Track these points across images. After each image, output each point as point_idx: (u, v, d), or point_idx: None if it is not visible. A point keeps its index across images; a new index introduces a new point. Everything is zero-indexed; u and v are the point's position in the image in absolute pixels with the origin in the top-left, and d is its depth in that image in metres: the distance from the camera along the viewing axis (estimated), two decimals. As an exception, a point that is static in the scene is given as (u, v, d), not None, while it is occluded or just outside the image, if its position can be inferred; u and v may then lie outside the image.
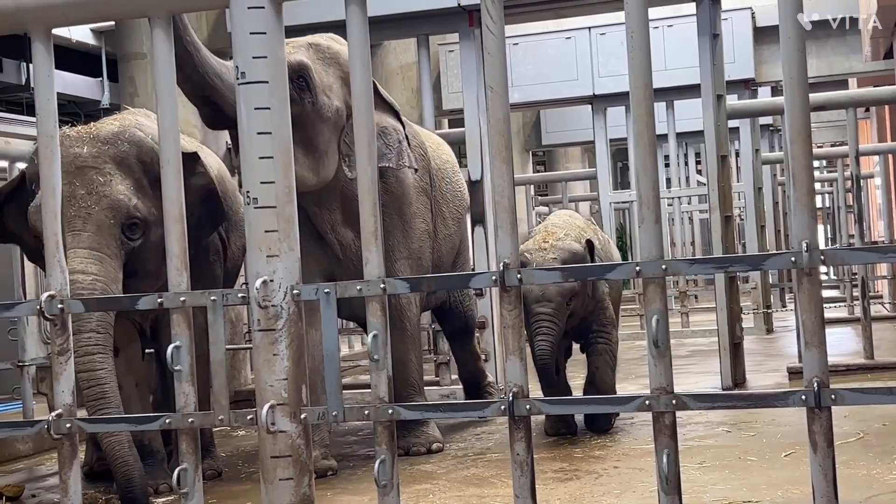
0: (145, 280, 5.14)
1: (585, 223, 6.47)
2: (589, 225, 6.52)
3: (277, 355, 2.83)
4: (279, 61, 2.84)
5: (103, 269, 4.86)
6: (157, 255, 5.12)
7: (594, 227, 6.64)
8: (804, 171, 2.55)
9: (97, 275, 4.83)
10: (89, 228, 4.92)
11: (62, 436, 2.94)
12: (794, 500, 4.24)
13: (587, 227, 6.39)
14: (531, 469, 2.73)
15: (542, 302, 5.75)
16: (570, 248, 5.86)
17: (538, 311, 5.77)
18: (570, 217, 6.45)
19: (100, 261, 4.87)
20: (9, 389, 8.38)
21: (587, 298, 6.02)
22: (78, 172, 5.01)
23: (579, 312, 6.00)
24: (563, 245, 5.87)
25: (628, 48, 2.64)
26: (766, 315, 12.17)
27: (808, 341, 2.57)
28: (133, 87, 8.43)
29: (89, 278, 4.80)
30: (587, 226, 6.42)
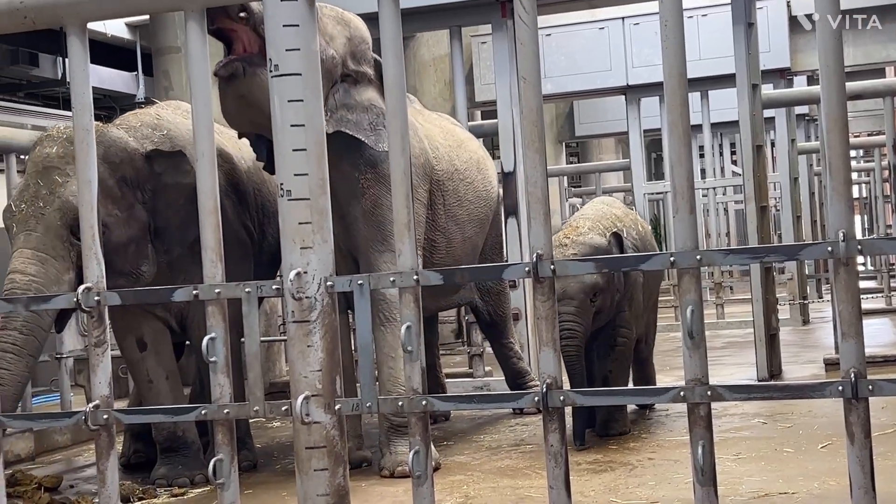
0: (119, 279, 5.04)
1: (624, 212, 6.22)
2: (628, 214, 6.28)
3: (311, 347, 2.84)
4: (312, 54, 2.85)
5: (43, 270, 4.89)
6: (123, 256, 5.15)
7: (634, 217, 6.38)
8: (841, 161, 2.53)
9: (34, 276, 4.87)
10: (39, 229, 4.97)
11: (99, 427, 2.97)
12: (831, 491, 4.21)
13: (624, 216, 6.11)
14: (565, 460, 2.73)
15: (564, 300, 5.43)
16: (592, 242, 5.56)
17: (560, 311, 5.33)
18: (607, 206, 6.15)
19: (42, 262, 4.91)
20: (47, 381, 8.47)
21: (615, 294, 5.67)
22: (44, 172, 5.09)
23: (607, 310, 5.65)
24: (584, 240, 5.59)
25: (662, 38, 2.63)
26: (802, 306, 12.07)
27: (845, 332, 2.55)
28: (167, 81, 8.47)
29: (26, 279, 4.86)
30: (624, 215, 6.15)
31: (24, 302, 3.48)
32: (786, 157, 12.11)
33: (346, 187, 5.50)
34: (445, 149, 6.21)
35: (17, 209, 5.02)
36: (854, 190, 18.85)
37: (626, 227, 5.94)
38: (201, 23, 2.92)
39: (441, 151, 6.14)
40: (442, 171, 6.10)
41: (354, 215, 5.53)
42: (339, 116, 5.34)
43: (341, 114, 5.34)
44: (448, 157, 6.20)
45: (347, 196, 5.52)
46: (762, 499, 4.22)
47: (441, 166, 6.10)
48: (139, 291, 3.85)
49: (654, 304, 6.61)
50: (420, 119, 6.24)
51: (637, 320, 5.96)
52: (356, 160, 5.47)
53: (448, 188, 6.13)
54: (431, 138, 6.14)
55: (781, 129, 12.07)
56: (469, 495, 4.68)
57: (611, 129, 16.93)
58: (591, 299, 5.51)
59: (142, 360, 5.58)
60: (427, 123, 6.31)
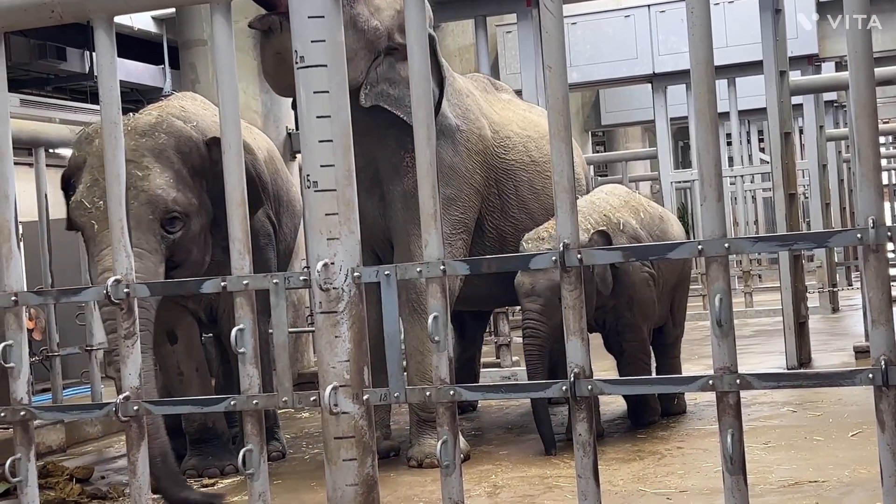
0: (190, 270, 5.09)
1: (624, 201, 5.87)
2: (628, 203, 5.89)
3: (339, 337, 2.85)
4: (338, 45, 2.85)
5: (142, 265, 4.80)
6: (200, 245, 5.16)
7: (638, 204, 5.97)
8: (870, 147, 2.51)
9: (138, 271, 4.85)
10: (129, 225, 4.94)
11: (130, 418, 2.99)
12: (862, 479, 4.19)
13: (623, 205, 5.79)
14: (594, 449, 2.73)
15: (531, 297, 5.27)
16: None
17: (525, 308, 5.32)
18: (605, 196, 5.83)
19: (139, 257, 4.89)
20: (77, 373, 8.54)
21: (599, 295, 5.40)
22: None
23: (589, 312, 5.29)
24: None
25: (688, 25, 2.61)
26: (831, 294, 12.00)
27: (876, 319, 2.53)
28: (194, 74, 8.50)
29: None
30: (624, 204, 5.81)
31: (53, 295, 3.50)
32: (814, 143, 12.03)
33: (390, 165, 5.40)
34: (521, 138, 6.00)
35: (94, 205, 4.91)
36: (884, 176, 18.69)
37: (624, 217, 5.67)
38: (227, 16, 2.93)
39: (514, 140, 5.96)
40: (514, 160, 5.93)
41: (394, 195, 5.42)
42: (379, 90, 5.26)
43: (382, 88, 5.25)
44: (524, 147, 5.99)
45: (390, 174, 5.41)
46: (792, 487, 4.20)
47: (512, 155, 5.93)
48: (167, 283, 3.87)
49: (677, 291, 6.23)
50: (497, 107, 6.12)
51: (645, 320, 5.71)
52: (402, 138, 5.21)
53: (521, 178, 5.94)
54: (505, 126, 5.98)
55: (809, 116, 11.98)
56: (497, 485, 4.69)
57: (637, 117, 16.87)
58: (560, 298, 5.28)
59: (173, 353, 5.60)
60: (504, 111, 6.13)
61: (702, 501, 4.07)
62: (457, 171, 5.60)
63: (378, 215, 5.50)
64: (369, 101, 5.20)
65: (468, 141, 5.67)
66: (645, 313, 5.70)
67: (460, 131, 5.64)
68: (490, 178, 5.80)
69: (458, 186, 5.59)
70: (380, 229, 5.53)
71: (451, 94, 5.66)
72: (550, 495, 4.41)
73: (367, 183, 5.50)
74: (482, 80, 6.53)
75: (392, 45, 5.26)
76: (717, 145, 2.66)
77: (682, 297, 6.38)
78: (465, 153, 5.64)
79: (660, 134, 12.83)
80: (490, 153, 5.81)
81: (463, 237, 5.62)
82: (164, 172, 5.03)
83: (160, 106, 5.47)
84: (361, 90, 5.22)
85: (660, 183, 13.14)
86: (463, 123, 5.68)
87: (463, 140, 5.64)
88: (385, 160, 5.39)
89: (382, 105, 5.22)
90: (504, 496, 4.48)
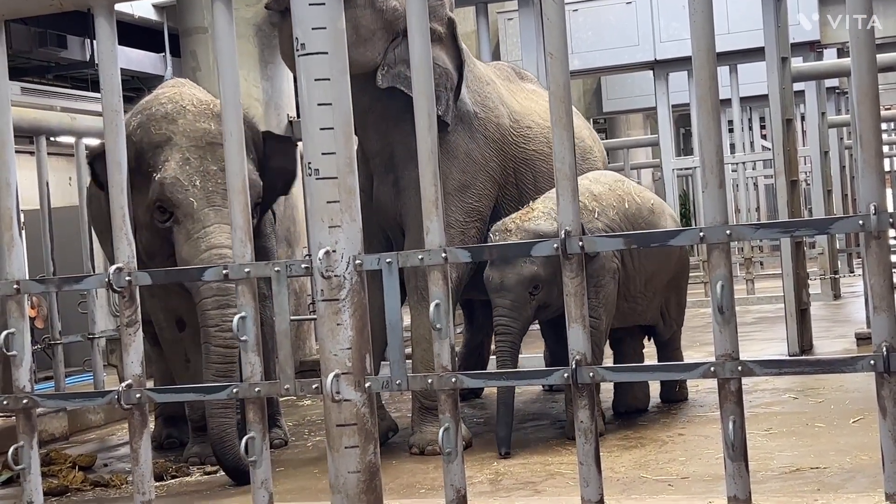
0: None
1: (608, 189, 5.55)
2: (613, 191, 5.57)
3: (341, 325, 2.86)
4: (339, 32, 2.85)
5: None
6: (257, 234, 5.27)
7: (624, 193, 5.61)
8: (872, 133, 2.51)
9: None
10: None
11: (132, 406, 3.00)
12: (863, 466, 4.20)
13: (607, 193, 5.49)
14: (596, 436, 2.74)
15: (501, 293, 5.12)
16: (537, 229, 5.05)
17: (495, 304, 5.16)
18: (590, 182, 5.53)
19: None
20: (79, 362, 8.55)
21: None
22: (208, 148, 5.05)
23: (556, 303, 5.12)
24: (529, 226, 5.09)
25: (690, 11, 2.61)
26: (833, 281, 12.00)
27: (877, 306, 2.53)
28: (195, 62, 8.49)
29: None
30: (608, 192, 5.51)
31: (55, 283, 3.51)
32: (816, 130, 12.01)
33: (405, 149, 5.34)
34: (542, 129, 5.89)
35: (192, 183, 4.97)
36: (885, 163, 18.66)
37: (604, 206, 5.41)
38: (228, 3, 2.93)
39: (535, 131, 5.89)
40: (534, 150, 5.85)
41: (408, 181, 5.36)
42: (396, 72, 5.24)
43: (399, 69, 5.22)
44: (545, 138, 5.84)
45: (405, 159, 5.36)
46: (793, 474, 4.21)
47: (533, 146, 5.85)
48: (170, 271, 3.87)
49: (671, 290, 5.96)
50: (519, 96, 6.07)
51: (605, 313, 5.32)
52: None
53: (541, 169, 5.83)
54: (526, 116, 5.92)
55: (811, 103, 11.96)
56: (499, 472, 4.70)
57: (639, 104, 16.84)
58: (531, 292, 5.12)
59: (181, 340, 5.60)
60: (526, 101, 6.07)
61: (703, 488, 4.08)
62: (472, 157, 5.57)
63: (391, 200, 5.49)
64: (386, 83, 5.19)
65: (486, 129, 5.63)
66: (607, 304, 5.34)
67: (478, 118, 5.61)
68: (508, 167, 5.74)
69: (474, 174, 5.56)
70: (392, 214, 5.52)
71: (471, 80, 5.64)
72: (552, 482, 4.42)
73: (381, 168, 5.50)
74: (506, 68, 6.49)
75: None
76: (719, 132, 2.66)
77: (678, 296, 6.06)
78: (482, 140, 5.61)
79: (661, 121, 12.82)
80: (509, 142, 5.75)
81: (477, 225, 5.58)
82: (249, 160, 5.15)
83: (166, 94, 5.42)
84: (378, 71, 5.22)
85: (661, 170, 13.14)
86: (481, 111, 5.64)
87: (480, 127, 5.61)
88: (401, 145, 5.37)
89: (399, 87, 5.21)
90: (506, 483, 4.48)
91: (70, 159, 8.92)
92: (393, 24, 5.20)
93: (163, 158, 5.07)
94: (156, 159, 5.09)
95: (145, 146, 5.15)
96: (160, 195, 5.02)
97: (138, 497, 3.05)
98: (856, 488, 3.89)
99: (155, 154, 5.11)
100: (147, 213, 5.12)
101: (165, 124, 5.16)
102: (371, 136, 5.49)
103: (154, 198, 5.05)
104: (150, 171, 5.09)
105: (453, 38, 5.43)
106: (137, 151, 5.15)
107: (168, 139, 5.12)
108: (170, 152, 5.08)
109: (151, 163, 5.10)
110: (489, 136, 5.62)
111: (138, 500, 3.07)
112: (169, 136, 5.12)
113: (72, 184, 11.80)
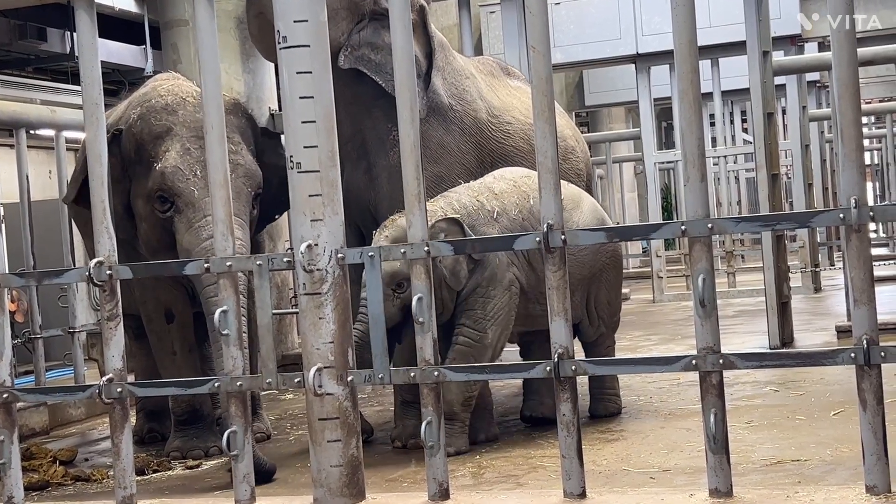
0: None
1: (515, 186, 5.23)
2: (520, 188, 5.22)
3: (323, 319, 2.85)
4: (321, 25, 2.84)
5: (243, 234, 4.93)
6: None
7: (530, 192, 5.17)
8: (853, 127, 2.52)
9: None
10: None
11: (113, 400, 2.99)
12: (844, 458, 4.22)
13: (510, 192, 5.18)
14: (577, 429, 2.74)
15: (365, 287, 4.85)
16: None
17: (361, 299, 4.72)
18: (494, 179, 5.26)
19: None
20: (60, 356, 8.51)
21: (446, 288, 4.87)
22: None
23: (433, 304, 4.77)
24: (402, 223, 4.42)
25: (672, 5, 2.61)
26: (813, 274, 12.05)
27: (858, 299, 2.55)
28: (176, 55, 8.46)
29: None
30: (513, 190, 5.20)
31: (36, 277, 3.49)
32: (797, 124, 12.05)
33: (376, 137, 5.34)
34: (522, 125, 5.82)
35: (193, 173, 5.01)
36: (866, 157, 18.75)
37: (506, 205, 5.12)
38: (209, -5, 2.91)
39: (515, 127, 5.83)
40: (513, 146, 5.77)
41: (380, 168, 5.37)
42: (360, 54, 5.23)
43: (363, 52, 5.22)
44: (525, 135, 5.76)
45: (377, 147, 5.36)
46: (774, 466, 4.23)
47: (511, 142, 5.77)
48: (151, 265, 3.85)
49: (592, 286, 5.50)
50: (501, 92, 6.01)
51: (495, 325, 5.00)
52: (389, 110, 5.06)
53: (520, 166, 5.69)
54: (506, 112, 5.85)
55: (792, 97, 12.01)
56: (482, 465, 4.70)
57: (621, 98, 16.85)
58: (394, 289, 4.77)
59: (168, 332, 5.58)
60: (508, 97, 5.99)
61: (685, 480, 4.09)
62: (448, 149, 5.54)
63: (363, 188, 5.47)
64: (348, 64, 5.17)
65: (462, 122, 5.58)
66: (498, 317, 5.01)
67: (453, 111, 5.57)
68: (486, 161, 5.69)
69: (449, 165, 5.53)
70: (365, 203, 5.49)
71: (449, 73, 5.61)
72: (534, 475, 4.43)
73: (353, 154, 5.47)
74: (491, 63, 6.44)
75: (378, 10, 5.21)
76: (701, 126, 2.67)
77: (607, 293, 5.58)
78: (457, 133, 5.58)
79: (643, 114, 12.84)
80: (486, 136, 5.70)
81: None
82: (248, 150, 5.22)
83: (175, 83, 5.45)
84: (342, 52, 5.19)
85: (643, 164, 13.15)
86: (457, 103, 5.60)
87: (456, 120, 5.58)
88: (372, 132, 5.36)
89: (362, 69, 5.20)
90: (488, 476, 4.49)
91: (50, 152, 8.87)
92: (358, 6, 5.20)
93: (163, 149, 5.10)
94: (156, 150, 5.12)
95: (146, 137, 5.17)
96: (161, 184, 5.04)
97: (119, 491, 3.04)
98: (836, 480, 3.91)
99: (156, 144, 5.13)
100: (147, 205, 5.14)
101: (166, 115, 5.19)
102: (342, 122, 5.47)
103: (155, 187, 5.07)
104: (151, 162, 5.12)
105: (424, 26, 5.41)
106: (138, 143, 5.19)
107: (169, 129, 5.15)
108: (171, 142, 5.11)
109: (152, 153, 5.12)
110: (466, 130, 5.59)
111: (119, 495, 3.06)
112: (170, 127, 5.15)
113: (52, 177, 11.73)
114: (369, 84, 5.23)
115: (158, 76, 5.76)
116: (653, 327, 9.65)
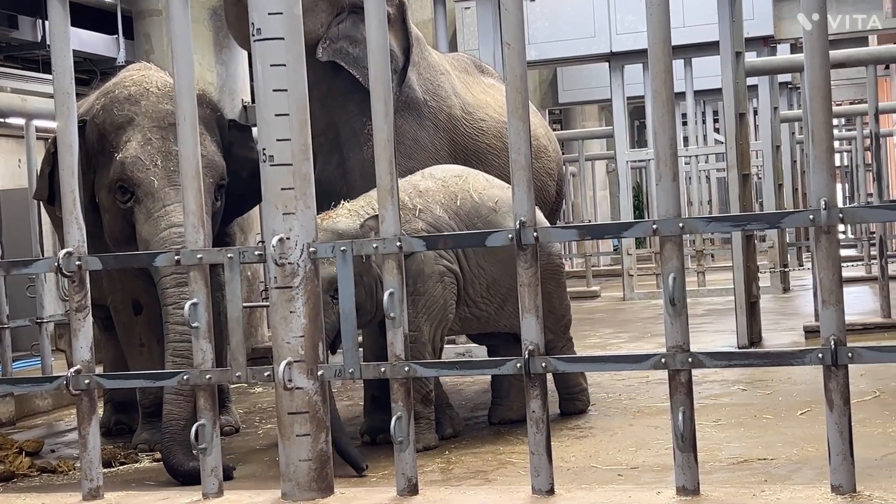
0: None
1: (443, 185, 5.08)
2: (448, 188, 5.08)
3: (294, 313, 2.85)
4: (295, 18, 2.83)
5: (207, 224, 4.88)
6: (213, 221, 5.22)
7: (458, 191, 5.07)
8: (823, 129, 2.54)
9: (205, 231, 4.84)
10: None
11: (81, 391, 2.97)
12: (810, 457, 4.25)
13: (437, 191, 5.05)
14: (547, 426, 2.75)
15: None
16: (335, 227, 4.63)
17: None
18: (422, 178, 5.13)
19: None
20: (27, 346, 8.44)
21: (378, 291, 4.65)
22: (171, 129, 4.97)
23: (365, 307, 4.61)
24: (328, 224, 4.67)
25: (646, 4, 2.62)
26: (782, 274, 12.13)
27: (826, 299, 2.56)
28: (148, 45, 8.41)
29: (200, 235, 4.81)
30: (440, 188, 5.06)
31: (4, 266, 3.46)
32: (768, 125, 12.12)
33: (350, 131, 5.34)
34: (496, 123, 5.78)
35: (153, 163, 4.96)
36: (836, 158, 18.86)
37: (429, 203, 4.98)
38: (183, -14, 2.90)
39: (489, 124, 5.79)
40: (486, 144, 5.74)
41: (353, 163, 5.36)
42: (338, 47, 5.22)
43: (341, 45, 5.21)
44: (499, 133, 5.74)
45: (350, 141, 5.35)
46: (741, 465, 4.25)
47: (484, 140, 5.74)
48: (120, 256, 3.83)
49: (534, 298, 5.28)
50: (475, 89, 5.99)
51: (431, 320, 4.92)
52: (364, 104, 5.03)
53: (493, 164, 5.71)
54: (480, 109, 5.83)
55: (764, 97, 12.08)
56: (451, 461, 4.70)
57: (594, 96, 16.92)
58: (332, 295, 4.43)
59: (137, 324, 5.54)
60: (482, 95, 5.98)
61: (653, 478, 4.11)
62: (422, 144, 5.53)
63: (335, 181, 5.45)
64: (326, 56, 5.16)
65: (436, 117, 5.58)
66: (431, 312, 4.93)
67: (428, 106, 5.57)
68: (459, 158, 5.67)
69: (423, 161, 5.48)
70: (336, 196, 5.48)
71: (424, 69, 5.61)
72: (503, 471, 4.43)
73: (326, 147, 5.46)
74: (465, 60, 6.43)
75: (358, 3, 5.19)
76: (673, 125, 2.68)
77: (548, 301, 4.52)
78: (431, 129, 5.58)
79: (616, 113, 12.89)
80: (460, 133, 5.69)
81: None
82: (212, 141, 5.17)
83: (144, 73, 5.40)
84: (320, 44, 5.19)
85: (615, 162, 13.20)
86: (432, 99, 5.60)
87: (430, 115, 5.57)
88: (346, 125, 5.35)
89: (339, 62, 5.19)
90: (457, 472, 4.49)
91: (20, 141, 8.80)
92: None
93: (125, 139, 5.07)
94: (118, 140, 5.08)
95: (108, 127, 5.14)
96: (121, 174, 5.00)
97: (86, 483, 3.02)
98: (802, 480, 3.94)
99: (117, 135, 5.10)
100: (109, 195, 5.10)
101: (128, 105, 5.16)
102: (316, 115, 5.46)
103: (115, 177, 5.03)
104: (113, 152, 5.07)
105: (403, 22, 5.41)
106: (100, 133, 5.15)
107: (130, 120, 5.12)
108: (132, 133, 5.07)
109: (114, 143, 5.08)
110: (440, 126, 5.59)
111: (86, 487, 3.04)
112: (131, 117, 5.12)
113: (21, 165, 11.64)
114: (345, 77, 5.22)
115: (130, 66, 5.73)
116: (623, 325, 9.68)
